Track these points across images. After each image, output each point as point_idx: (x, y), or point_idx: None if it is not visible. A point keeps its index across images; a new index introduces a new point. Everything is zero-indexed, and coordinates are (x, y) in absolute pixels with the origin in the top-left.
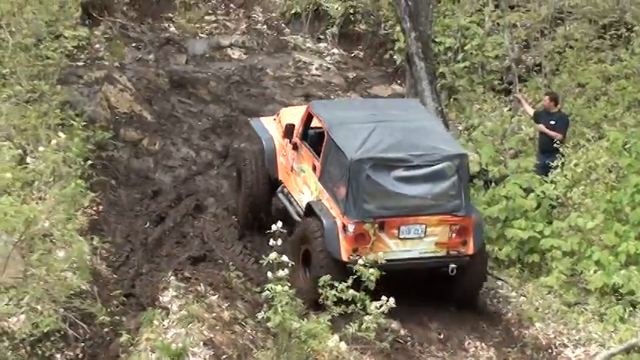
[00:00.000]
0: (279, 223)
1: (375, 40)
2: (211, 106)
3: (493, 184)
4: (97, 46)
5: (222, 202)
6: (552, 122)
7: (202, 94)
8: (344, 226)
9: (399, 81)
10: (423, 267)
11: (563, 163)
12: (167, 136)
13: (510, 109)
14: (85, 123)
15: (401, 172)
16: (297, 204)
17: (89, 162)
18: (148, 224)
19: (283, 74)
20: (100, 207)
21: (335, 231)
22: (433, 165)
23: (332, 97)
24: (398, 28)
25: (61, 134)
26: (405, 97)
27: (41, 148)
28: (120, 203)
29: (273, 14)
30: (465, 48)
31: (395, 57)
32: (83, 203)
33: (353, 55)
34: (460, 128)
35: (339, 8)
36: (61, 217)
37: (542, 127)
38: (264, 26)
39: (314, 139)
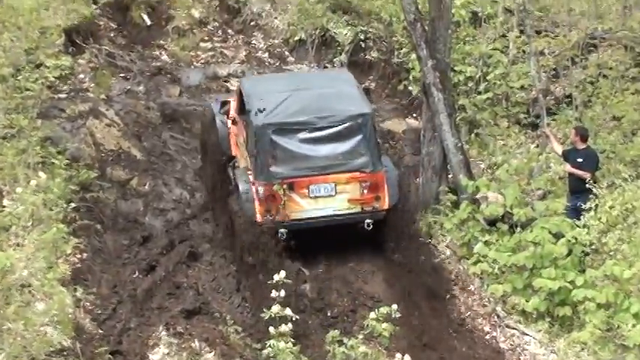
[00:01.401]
0: (282, 274)
1: (387, 69)
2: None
3: (519, 228)
4: (82, 76)
5: (219, 249)
6: (579, 160)
7: (197, 130)
8: (256, 190)
9: (414, 114)
10: (339, 223)
11: (596, 205)
12: (158, 175)
13: (538, 146)
14: (67, 161)
15: (306, 135)
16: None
17: (72, 204)
18: (136, 273)
19: None
20: (84, 254)
21: (250, 195)
22: (337, 125)
23: None
24: (413, 55)
25: (41, 174)
26: (422, 132)
27: (19, 189)
28: (106, 250)
29: (276, 41)
30: (488, 78)
31: (410, 88)
32: (65, 250)
33: (363, 85)
34: (482, 166)
35: (348, 34)
36: (40, 265)
37: (568, 166)
38: (266, 54)
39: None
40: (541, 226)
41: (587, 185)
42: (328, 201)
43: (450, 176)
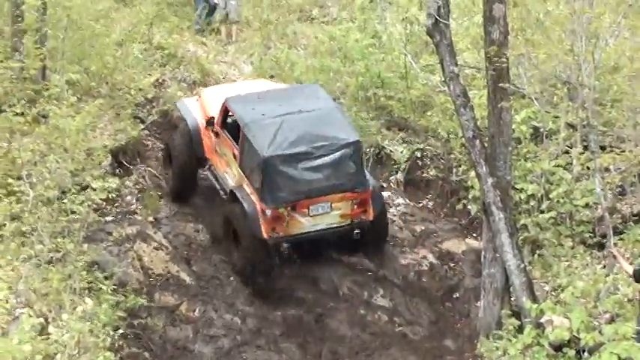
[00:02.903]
0: None
1: (446, 187)
2: None
3: (586, 353)
4: (129, 198)
5: None
6: None
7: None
8: (262, 211)
9: (474, 234)
10: (332, 235)
11: None
12: (208, 300)
13: (605, 267)
14: (114, 286)
15: (305, 163)
16: (223, 181)
17: (119, 331)
18: None
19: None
20: None
21: (255, 214)
22: (332, 153)
23: (397, 253)
24: (472, 173)
25: (87, 300)
26: (483, 253)
27: (65, 316)
28: None
29: None
30: (550, 196)
31: (469, 207)
32: None
33: (421, 204)
34: (547, 288)
35: (405, 152)
36: None
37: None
38: None
39: (232, 127)
40: (610, 351)
41: None
42: (324, 217)
43: (512, 299)
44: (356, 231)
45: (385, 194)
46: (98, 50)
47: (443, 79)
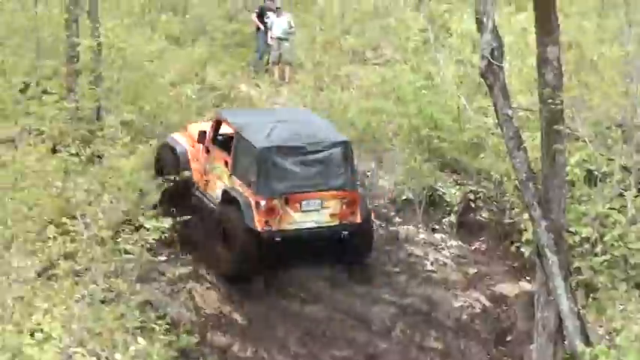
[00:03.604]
0: None
1: (499, 230)
2: (311, 307)
3: None
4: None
5: None
6: None
7: (300, 292)
8: (257, 203)
9: (527, 277)
10: (322, 234)
11: None
12: (260, 341)
13: None
14: (167, 326)
15: (299, 157)
16: (211, 197)
17: None
18: None
19: (392, 270)
20: None
21: (250, 207)
22: (324, 150)
23: (450, 296)
24: (525, 215)
25: (140, 339)
26: (536, 296)
27: (118, 356)
28: None
29: (381, 201)
30: (605, 239)
31: (522, 249)
32: None
33: (474, 247)
34: (601, 332)
35: (458, 194)
36: None
37: None
38: (372, 215)
39: (223, 142)
40: None
41: None
42: (314, 214)
43: (565, 343)
44: (344, 232)
45: (438, 236)
46: (152, 90)
47: (496, 121)
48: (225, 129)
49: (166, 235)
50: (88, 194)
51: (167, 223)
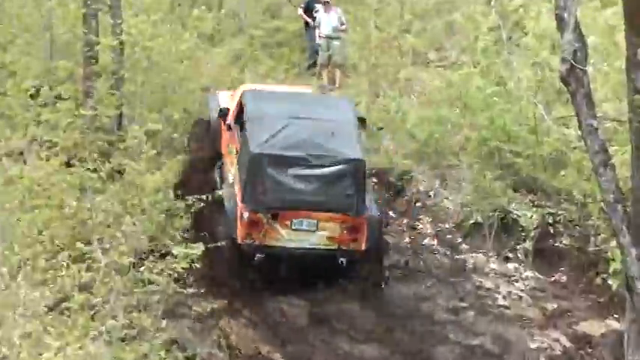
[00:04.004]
0: None
1: (582, 258)
2: (362, 347)
3: None
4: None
5: None
6: None
7: (351, 330)
8: (241, 213)
9: (614, 314)
10: (315, 256)
11: None
12: None
13: None
14: None
15: (298, 170)
16: (225, 181)
17: None
18: None
19: (459, 305)
20: None
21: (234, 214)
22: (330, 166)
23: (525, 335)
24: (613, 243)
25: None
26: (626, 336)
27: None
28: None
29: (446, 225)
30: None
31: (609, 282)
32: None
33: (553, 279)
34: None
35: (534, 217)
36: None
37: None
38: (434, 241)
39: (244, 123)
40: None
41: None
42: (308, 235)
43: None
44: (341, 259)
45: (511, 266)
46: (182, 96)
47: (579, 133)
48: None
49: (196, 264)
50: (106, 215)
51: (198, 249)
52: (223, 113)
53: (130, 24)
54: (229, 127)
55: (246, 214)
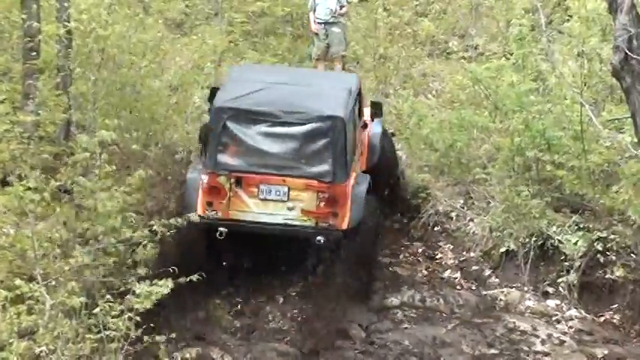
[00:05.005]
0: None
1: (637, 294)
2: None
3: None
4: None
5: None
6: None
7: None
8: (201, 180)
9: None
10: (288, 234)
11: None
12: None
13: None
14: None
15: (265, 128)
16: None
17: None
18: None
19: (487, 352)
20: None
21: (196, 184)
22: (302, 124)
23: None
24: None
25: None
26: None
27: None
28: None
29: (471, 254)
30: None
31: None
32: None
33: (602, 318)
34: None
35: (580, 243)
36: None
37: None
38: (457, 273)
39: None
40: None
41: None
42: (279, 207)
43: None
44: (319, 237)
45: (551, 303)
46: (144, 97)
47: (635, 140)
48: None
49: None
50: (52, 245)
51: (165, 287)
52: (213, 94)
53: (80, 8)
54: None
55: (205, 178)
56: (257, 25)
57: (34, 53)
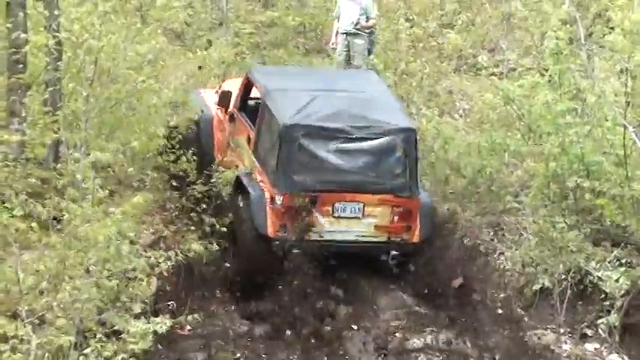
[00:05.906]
0: None
1: None
2: None
3: None
4: (187, 344)
5: None
6: None
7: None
8: (272, 199)
9: None
10: (361, 252)
11: None
12: None
13: None
14: None
15: (339, 144)
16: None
17: None
18: None
19: None
20: None
21: (262, 203)
22: (376, 138)
23: None
24: None
25: None
26: None
27: None
28: None
29: (502, 293)
30: None
31: None
32: None
33: None
34: None
35: (623, 280)
36: None
37: None
38: (486, 313)
39: (253, 110)
40: None
41: None
42: (353, 223)
43: None
44: (393, 253)
45: (590, 346)
46: (142, 116)
47: None
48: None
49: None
50: (39, 278)
51: (164, 324)
52: (225, 99)
53: (71, 17)
54: (232, 118)
55: (279, 200)
56: (266, 37)
57: (21, 66)
